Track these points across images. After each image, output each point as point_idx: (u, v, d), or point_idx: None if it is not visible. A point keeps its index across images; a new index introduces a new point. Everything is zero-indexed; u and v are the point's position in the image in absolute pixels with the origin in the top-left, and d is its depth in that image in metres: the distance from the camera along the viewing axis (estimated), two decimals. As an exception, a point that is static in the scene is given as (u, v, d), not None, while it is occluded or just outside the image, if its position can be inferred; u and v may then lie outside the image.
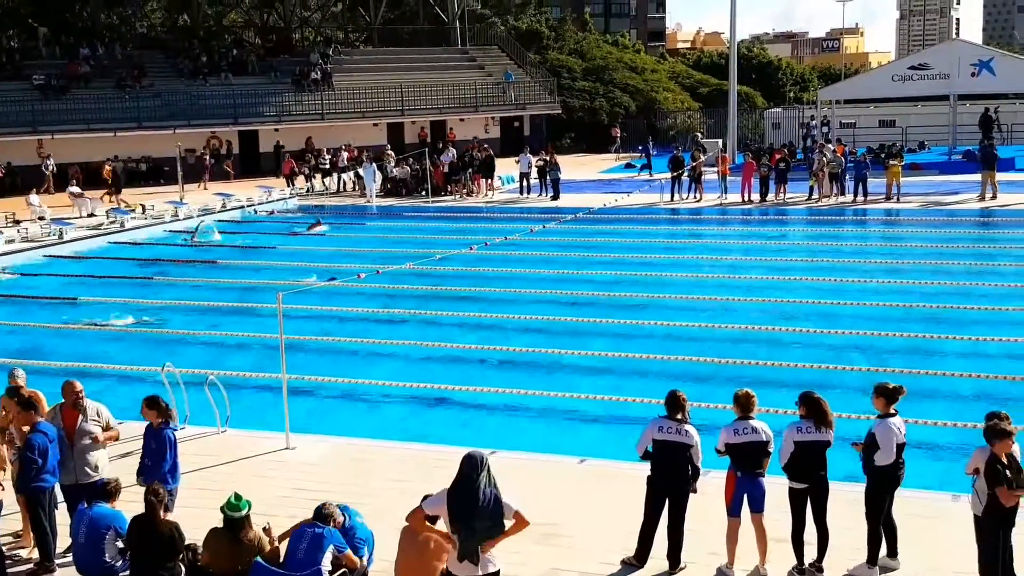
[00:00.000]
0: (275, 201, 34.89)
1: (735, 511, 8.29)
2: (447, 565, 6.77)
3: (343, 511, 7.62)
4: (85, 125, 39.54)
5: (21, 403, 8.93)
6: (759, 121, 54.50)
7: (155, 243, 28.04)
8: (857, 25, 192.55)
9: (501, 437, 11.86)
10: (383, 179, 37.21)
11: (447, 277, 21.27)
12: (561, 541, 8.95)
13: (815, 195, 31.72)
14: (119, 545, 7.88)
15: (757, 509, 8.25)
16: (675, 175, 32.88)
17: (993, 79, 39.16)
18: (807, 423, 8.15)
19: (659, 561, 8.39)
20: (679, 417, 8.29)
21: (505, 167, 38.80)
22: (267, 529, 7.60)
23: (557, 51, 60.60)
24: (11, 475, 8.94)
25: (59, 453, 8.61)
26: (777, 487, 8.38)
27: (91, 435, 8.81)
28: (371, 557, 7.77)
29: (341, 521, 7.51)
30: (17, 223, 28.77)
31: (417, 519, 6.92)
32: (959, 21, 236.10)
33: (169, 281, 22.48)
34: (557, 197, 33.70)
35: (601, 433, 12.47)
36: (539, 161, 35.31)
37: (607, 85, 57.40)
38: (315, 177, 39.46)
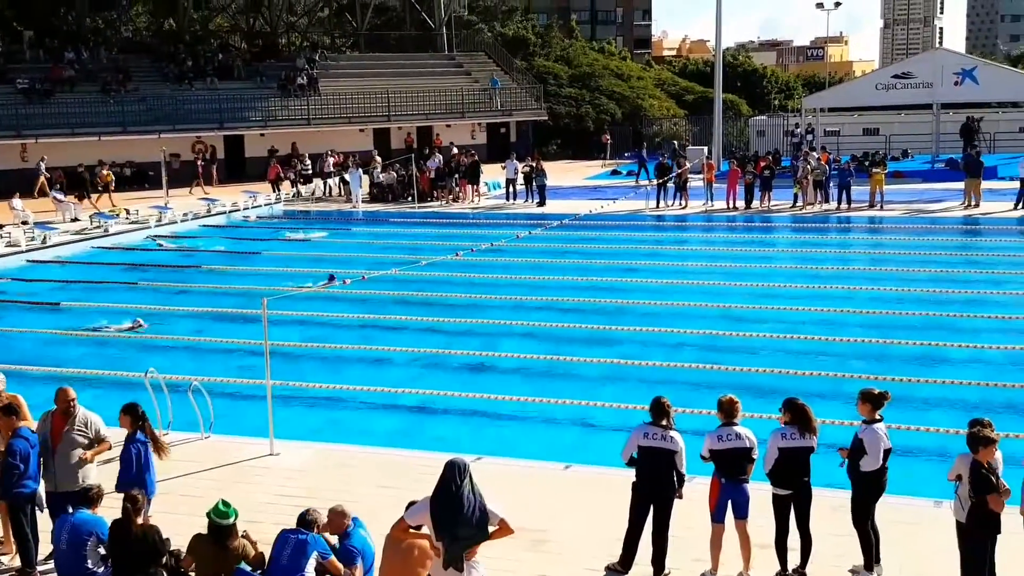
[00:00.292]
0: (260, 206, 34.79)
1: (719, 517, 8.31)
2: (431, 572, 6.75)
3: (354, 521, 7.61)
4: (69, 129, 39.29)
5: (1, 408, 8.85)
6: (744, 128, 54.65)
7: (138, 248, 27.91)
8: (841, 34, 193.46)
9: (485, 443, 11.86)
10: (369, 184, 37.18)
11: (433, 283, 21.26)
12: (547, 547, 8.94)
13: (799, 202, 31.90)
14: (101, 552, 7.81)
15: (741, 515, 8.28)
16: (661, 182, 32.99)
17: (976, 88, 39.38)
18: (791, 429, 8.18)
19: (644, 567, 8.40)
20: (664, 423, 8.31)
21: (491, 173, 38.83)
22: (246, 534, 7.56)
23: (543, 58, 60.70)
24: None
25: (42, 459, 8.53)
26: (761, 493, 8.41)
27: (75, 444, 8.73)
28: (370, 569, 7.60)
29: (346, 525, 7.50)
30: (-1, 227, 28.57)
31: (400, 528, 6.92)
32: (942, 30, 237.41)
33: (152, 286, 22.37)
34: (543, 203, 33.78)
35: (586, 439, 12.47)
36: (525, 167, 35.37)
37: (593, 92, 57.51)
38: (300, 182, 39.33)
